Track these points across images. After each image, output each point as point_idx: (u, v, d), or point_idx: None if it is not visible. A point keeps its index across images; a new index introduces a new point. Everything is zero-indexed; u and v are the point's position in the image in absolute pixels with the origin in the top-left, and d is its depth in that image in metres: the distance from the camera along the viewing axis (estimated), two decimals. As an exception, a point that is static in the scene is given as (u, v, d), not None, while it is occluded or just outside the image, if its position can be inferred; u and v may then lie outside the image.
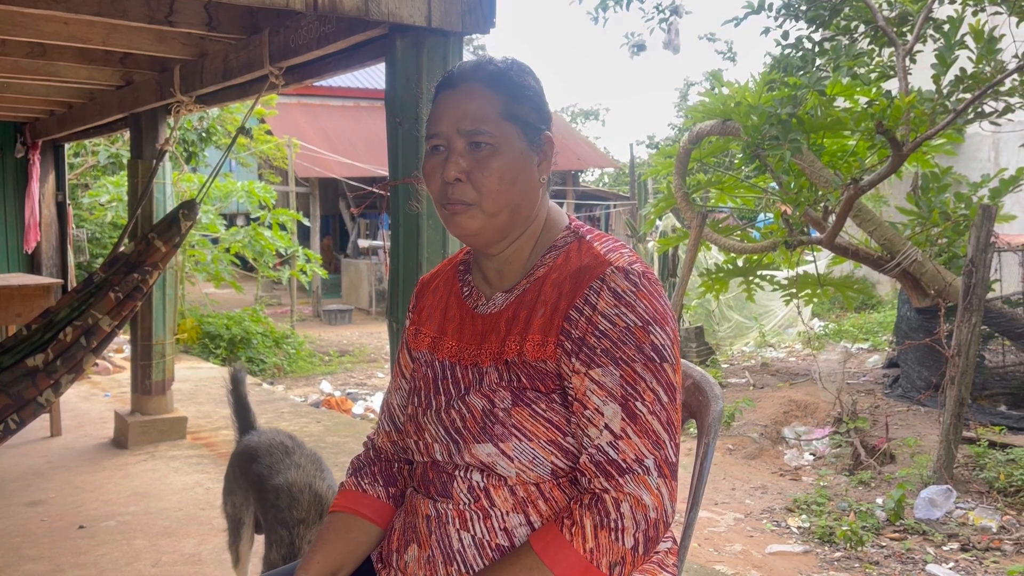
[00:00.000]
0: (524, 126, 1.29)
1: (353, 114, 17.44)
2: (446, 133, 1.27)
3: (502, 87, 1.28)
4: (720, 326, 10.61)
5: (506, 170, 1.26)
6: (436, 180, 1.29)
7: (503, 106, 1.27)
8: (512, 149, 1.27)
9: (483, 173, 1.25)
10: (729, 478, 5.58)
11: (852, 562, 4.12)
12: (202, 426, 5.44)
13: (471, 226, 1.28)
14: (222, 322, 9.79)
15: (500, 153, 1.26)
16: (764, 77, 6.53)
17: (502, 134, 1.26)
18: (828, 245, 6.60)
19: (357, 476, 1.46)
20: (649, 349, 1.19)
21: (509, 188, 1.27)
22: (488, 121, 1.26)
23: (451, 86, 1.30)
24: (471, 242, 1.33)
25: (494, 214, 1.27)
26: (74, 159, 9.76)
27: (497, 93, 1.27)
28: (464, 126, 1.26)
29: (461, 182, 1.26)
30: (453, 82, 1.30)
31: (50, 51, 4.09)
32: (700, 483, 1.46)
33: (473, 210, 1.27)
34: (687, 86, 27.79)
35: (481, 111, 1.26)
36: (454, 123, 1.27)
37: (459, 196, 1.26)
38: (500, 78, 1.29)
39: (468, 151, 1.26)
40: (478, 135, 1.26)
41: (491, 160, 1.26)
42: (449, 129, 1.27)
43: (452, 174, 1.26)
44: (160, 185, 4.77)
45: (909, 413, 6.54)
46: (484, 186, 1.26)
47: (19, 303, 4.59)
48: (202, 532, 3.58)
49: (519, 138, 1.28)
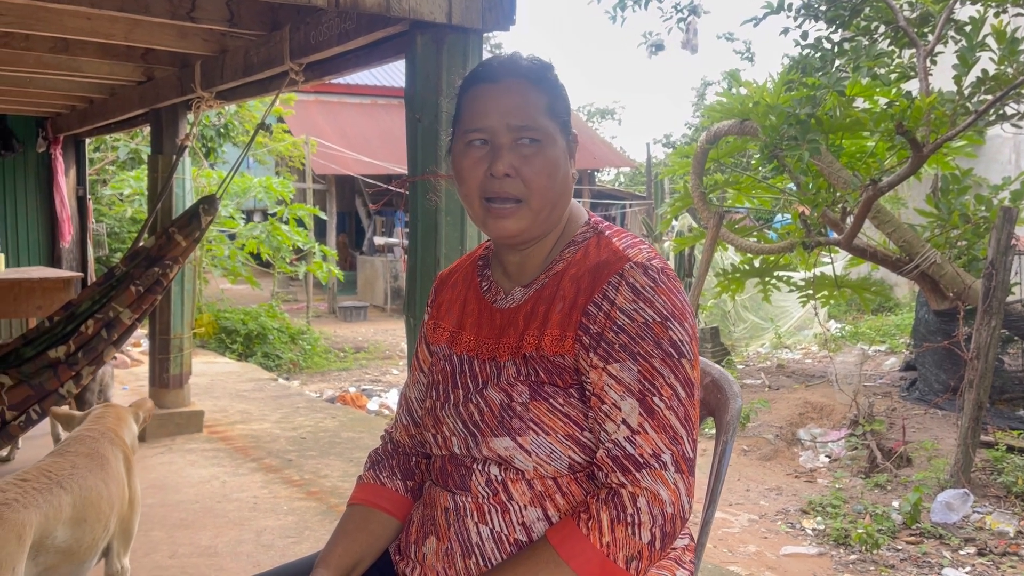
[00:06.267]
0: (561, 123, 1.30)
1: (371, 111, 17.49)
2: (492, 127, 1.27)
3: (544, 84, 1.29)
4: (736, 327, 10.57)
5: (552, 166, 1.27)
6: (478, 175, 1.28)
7: (546, 103, 1.28)
8: (555, 145, 1.28)
9: (531, 169, 1.26)
10: (744, 479, 5.57)
11: (867, 565, 4.10)
12: (218, 420, 5.48)
13: (517, 227, 1.28)
14: (239, 317, 9.85)
15: (546, 149, 1.27)
16: (782, 77, 6.50)
17: (547, 130, 1.27)
18: (846, 246, 6.56)
19: (375, 469, 1.47)
20: (667, 344, 1.19)
21: (552, 184, 1.28)
22: (536, 117, 1.27)
23: (492, 80, 1.29)
24: (510, 242, 1.32)
25: (539, 210, 1.28)
26: (94, 154, 9.84)
27: (541, 90, 1.29)
28: (513, 121, 1.26)
29: (510, 177, 1.26)
30: (494, 77, 1.29)
31: (73, 46, 4.13)
32: (718, 481, 1.45)
33: (521, 209, 1.27)
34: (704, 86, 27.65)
35: (529, 107, 1.27)
36: (502, 118, 1.26)
37: (508, 191, 1.26)
38: (542, 76, 1.30)
39: (515, 146, 1.27)
40: (528, 131, 1.26)
41: (538, 156, 1.26)
42: (496, 123, 1.27)
43: (504, 168, 1.26)
44: (180, 180, 4.81)
45: (926, 416, 6.49)
46: (533, 182, 1.26)
47: (40, 296, 4.63)
48: (218, 525, 3.61)
49: (559, 135, 1.29)
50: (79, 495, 2.13)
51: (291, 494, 4.03)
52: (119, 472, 2.36)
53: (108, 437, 2.41)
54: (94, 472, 2.23)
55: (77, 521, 2.10)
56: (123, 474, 2.38)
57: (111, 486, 2.27)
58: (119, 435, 2.47)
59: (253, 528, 3.57)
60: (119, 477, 2.34)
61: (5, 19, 3.43)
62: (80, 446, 2.32)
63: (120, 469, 2.37)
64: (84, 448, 2.31)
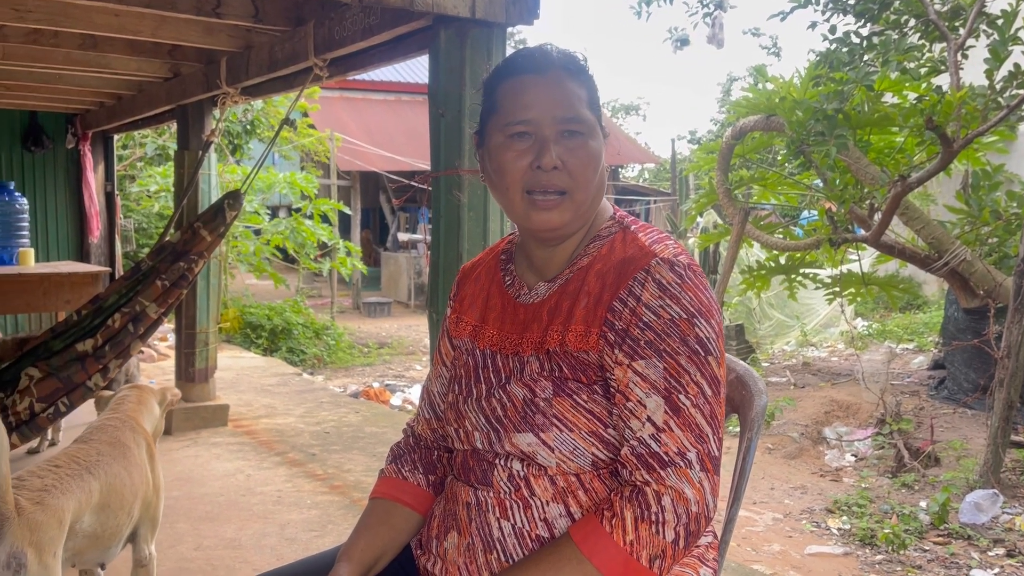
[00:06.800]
0: (599, 116, 1.31)
1: (394, 108, 17.53)
2: (537, 120, 1.26)
3: (584, 76, 1.30)
4: (761, 324, 10.48)
5: (594, 159, 1.27)
6: (521, 167, 1.27)
7: (587, 95, 1.29)
8: (596, 138, 1.28)
9: (578, 161, 1.25)
10: (768, 477, 5.52)
11: (894, 565, 4.05)
12: (243, 414, 5.52)
13: (560, 219, 1.27)
14: (263, 312, 9.92)
15: (589, 141, 1.27)
16: (810, 72, 6.42)
17: (590, 123, 1.27)
18: (874, 243, 6.48)
19: (397, 463, 1.46)
20: (694, 342, 1.17)
21: (594, 177, 1.28)
22: (580, 109, 1.26)
23: (536, 71, 1.27)
24: (551, 235, 1.31)
25: (582, 203, 1.27)
26: (122, 151, 9.95)
27: (583, 83, 1.29)
28: (561, 113, 1.25)
29: (558, 169, 1.25)
30: (538, 68, 1.27)
31: (101, 43, 4.17)
32: (742, 478, 1.44)
33: (564, 202, 1.26)
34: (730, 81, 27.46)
35: (575, 100, 1.27)
36: (548, 109, 1.25)
37: (555, 183, 1.25)
38: (583, 70, 1.30)
39: (560, 139, 1.26)
40: (575, 123, 1.26)
41: (583, 148, 1.26)
42: (542, 115, 1.25)
43: (552, 161, 1.24)
44: (206, 176, 4.84)
45: (955, 415, 6.40)
46: (578, 174, 1.26)
47: (68, 290, 4.69)
48: (243, 518, 3.64)
49: (597, 127, 1.29)
50: (105, 482, 2.16)
51: (314, 488, 4.06)
52: (141, 460, 2.38)
53: (129, 425, 2.44)
54: (117, 460, 2.26)
55: (102, 507, 2.14)
56: (145, 462, 2.41)
57: (133, 474, 2.30)
58: (139, 423, 2.50)
59: (277, 521, 3.60)
60: (141, 465, 2.37)
61: (35, 16, 3.48)
62: (102, 434, 2.35)
63: (142, 457, 2.40)
64: (106, 436, 2.34)
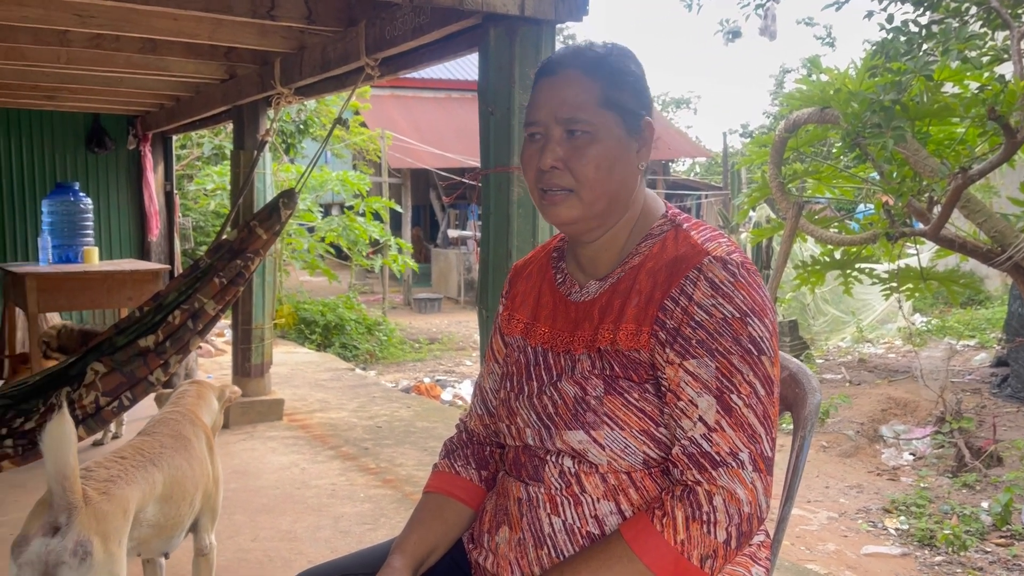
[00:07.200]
0: (623, 112, 1.27)
1: (445, 105, 17.63)
2: (544, 121, 1.27)
3: (600, 73, 1.26)
4: (815, 320, 10.30)
5: (603, 158, 1.25)
6: (532, 168, 1.29)
7: (601, 93, 1.25)
8: (610, 136, 1.26)
9: (580, 161, 1.25)
10: (823, 476, 5.43)
11: (954, 567, 3.96)
12: (298, 408, 5.62)
13: (569, 215, 1.27)
14: (317, 309, 10.08)
15: (597, 141, 1.25)
16: (866, 63, 6.27)
17: (600, 121, 1.25)
18: (933, 237, 6.31)
19: (450, 458, 1.48)
20: (747, 341, 1.17)
21: (607, 176, 1.26)
22: (585, 108, 1.25)
23: (550, 73, 1.29)
24: (568, 230, 1.33)
25: (591, 202, 1.26)
26: (181, 151, 10.20)
27: (595, 80, 1.26)
28: (561, 114, 1.25)
29: (558, 169, 1.26)
30: (552, 69, 1.29)
31: (160, 46, 4.28)
32: (795, 477, 1.42)
33: (571, 198, 1.26)
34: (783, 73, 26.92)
35: (579, 98, 1.25)
36: (552, 111, 1.26)
37: (556, 182, 1.26)
38: (599, 64, 1.27)
39: (565, 139, 1.26)
40: (575, 123, 1.25)
41: (588, 148, 1.25)
42: (547, 117, 1.27)
43: (548, 162, 1.26)
44: (261, 175, 4.94)
45: (1019, 414, 6.22)
46: (581, 174, 1.25)
47: (130, 287, 4.83)
48: (297, 510, 3.71)
49: (617, 125, 1.26)
50: (168, 473, 2.23)
51: (367, 482, 4.11)
52: (201, 452, 2.45)
53: (189, 419, 2.51)
54: (179, 452, 2.33)
55: (165, 498, 2.20)
56: (205, 454, 2.47)
57: (194, 466, 2.37)
58: (199, 416, 2.57)
59: (331, 514, 3.66)
60: (201, 457, 2.43)
61: (97, 21, 3.58)
62: (164, 427, 2.43)
63: (202, 449, 2.47)
64: (168, 429, 2.41)
